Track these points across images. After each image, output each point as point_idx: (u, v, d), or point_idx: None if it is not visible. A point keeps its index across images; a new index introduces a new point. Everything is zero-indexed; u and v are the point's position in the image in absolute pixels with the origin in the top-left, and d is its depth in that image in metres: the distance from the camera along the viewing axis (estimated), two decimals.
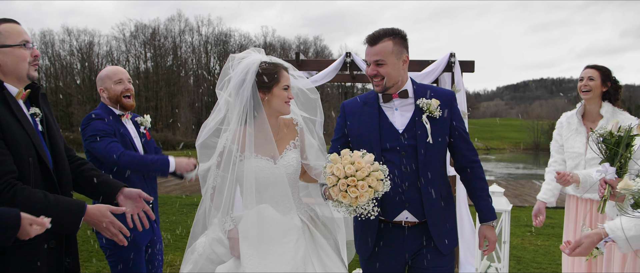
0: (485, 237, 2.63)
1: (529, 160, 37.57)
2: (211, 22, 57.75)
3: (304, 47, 51.58)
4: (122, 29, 50.81)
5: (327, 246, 2.50)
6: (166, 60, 51.86)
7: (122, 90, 3.13)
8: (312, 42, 53.12)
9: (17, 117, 2.03)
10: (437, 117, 2.49)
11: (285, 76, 2.47)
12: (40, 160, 2.06)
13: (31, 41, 2.13)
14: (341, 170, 2.20)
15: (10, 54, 2.07)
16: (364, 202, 2.19)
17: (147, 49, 51.24)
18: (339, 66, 4.72)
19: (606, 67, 3.47)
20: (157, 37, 51.35)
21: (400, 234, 2.53)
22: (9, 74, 2.09)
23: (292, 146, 2.55)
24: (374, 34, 2.50)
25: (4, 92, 2.06)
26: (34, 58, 2.12)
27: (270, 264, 2.31)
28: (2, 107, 2.01)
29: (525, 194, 12.15)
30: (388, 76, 2.48)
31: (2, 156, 1.93)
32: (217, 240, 2.46)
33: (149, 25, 50.53)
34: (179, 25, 52.02)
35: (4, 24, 2.08)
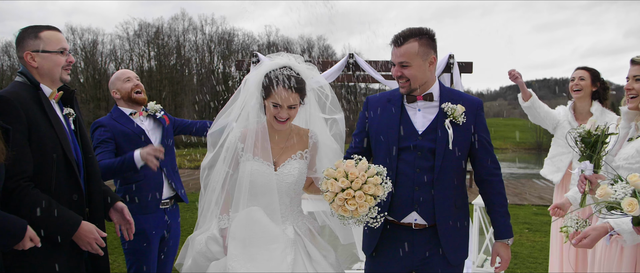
0: (498, 254, 2.54)
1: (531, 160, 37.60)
2: (215, 21, 57.82)
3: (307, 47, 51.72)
4: (126, 28, 50.88)
5: (324, 261, 2.44)
6: (170, 59, 51.99)
7: (131, 87, 3.34)
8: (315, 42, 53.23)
9: (48, 115, 2.22)
10: (460, 123, 2.42)
11: (276, 93, 2.39)
12: (65, 157, 2.23)
13: (68, 48, 2.36)
14: (335, 185, 2.14)
15: (48, 59, 2.29)
16: (366, 211, 2.14)
17: (151, 48, 51.38)
18: (342, 67, 4.91)
19: (595, 69, 3.69)
20: (161, 36, 51.49)
21: (408, 237, 2.45)
22: (44, 76, 2.30)
23: (298, 156, 2.52)
24: (400, 34, 2.42)
25: (39, 93, 2.26)
26: (68, 64, 2.34)
27: (253, 268, 2.29)
28: (34, 105, 2.20)
29: (524, 193, 12.32)
30: (413, 78, 2.42)
31: (20, 154, 2.08)
32: (213, 238, 2.46)
33: (153, 24, 50.72)
34: (182, 24, 52.16)
35: (46, 31, 2.30)
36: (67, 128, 2.35)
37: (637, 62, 2.46)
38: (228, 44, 51.95)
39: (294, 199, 2.53)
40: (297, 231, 2.46)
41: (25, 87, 2.26)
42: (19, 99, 2.15)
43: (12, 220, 1.97)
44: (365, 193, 2.12)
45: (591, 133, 2.54)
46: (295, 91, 2.41)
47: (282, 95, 2.38)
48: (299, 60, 2.53)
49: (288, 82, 2.39)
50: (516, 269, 5.45)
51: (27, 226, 2.00)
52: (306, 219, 2.59)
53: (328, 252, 2.53)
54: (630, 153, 2.42)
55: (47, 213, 2.12)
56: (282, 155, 2.50)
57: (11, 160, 2.00)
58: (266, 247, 2.34)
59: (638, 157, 2.38)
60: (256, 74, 2.47)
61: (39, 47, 2.28)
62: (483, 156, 2.48)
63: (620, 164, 2.47)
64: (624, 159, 2.45)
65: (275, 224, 2.42)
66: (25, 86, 2.27)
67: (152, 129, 3.41)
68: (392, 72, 2.50)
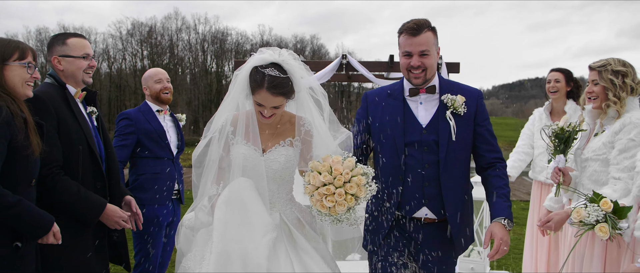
0: (492, 235, 2.32)
1: None
2: (208, 21, 57.85)
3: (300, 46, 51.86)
4: (119, 27, 50.75)
5: (311, 249, 2.36)
6: (163, 58, 51.92)
7: (160, 88, 3.76)
8: (308, 41, 53.39)
9: (74, 112, 2.51)
10: (461, 114, 2.41)
11: (259, 94, 2.32)
12: (89, 149, 2.52)
13: (92, 53, 2.62)
14: (317, 178, 2.07)
15: (71, 63, 2.56)
16: (343, 210, 2.06)
17: (144, 47, 51.31)
18: (336, 67, 5.12)
19: (569, 69, 3.99)
20: (154, 35, 51.43)
21: (416, 230, 2.45)
22: (69, 78, 2.58)
23: (287, 143, 2.45)
24: (414, 23, 2.38)
25: (65, 92, 2.54)
26: (89, 67, 2.60)
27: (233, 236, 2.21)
28: (62, 103, 2.48)
29: (514, 189, 12.63)
30: (430, 67, 2.39)
31: (50, 146, 2.33)
32: (202, 208, 2.42)
33: (146, 23, 50.60)
34: (176, 23, 52.12)
35: (72, 38, 2.58)
36: (90, 125, 2.63)
37: (594, 68, 2.78)
38: (221, 43, 51.98)
39: (282, 186, 2.47)
40: (283, 218, 2.40)
41: (53, 87, 2.54)
42: (49, 98, 2.44)
43: (41, 214, 2.18)
44: (346, 192, 2.05)
45: (564, 129, 2.85)
46: (279, 94, 2.32)
47: (264, 97, 2.31)
48: (290, 56, 2.40)
49: (272, 86, 2.29)
50: (502, 260, 5.69)
51: (54, 222, 2.22)
52: (296, 208, 2.52)
53: (317, 242, 2.45)
54: (598, 146, 2.73)
55: (77, 197, 2.41)
56: (270, 141, 2.46)
57: (44, 152, 2.25)
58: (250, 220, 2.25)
59: (604, 149, 2.69)
60: (245, 70, 2.40)
61: (64, 52, 2.56)
62: (485, 146, 2.47)
63: (589, 156, 2.78)
64: (593, 152, 2.76)
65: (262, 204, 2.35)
66: (53, 86, 2.55)
67: (170, 127, 3.82)
68: (407, 64, 2.41)
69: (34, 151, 2.15)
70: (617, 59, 2.74)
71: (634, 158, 2.51)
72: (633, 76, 2.69)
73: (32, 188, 2.24)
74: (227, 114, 2.46)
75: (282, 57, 2.35)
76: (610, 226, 2.31)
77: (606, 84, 2.70)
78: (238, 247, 2.17)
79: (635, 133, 2.56)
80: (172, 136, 3.80)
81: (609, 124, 2.76)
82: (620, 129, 2.63)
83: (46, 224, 2.18)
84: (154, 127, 3.65)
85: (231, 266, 2.14)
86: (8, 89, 2.19)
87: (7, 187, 2.09)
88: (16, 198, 2.08)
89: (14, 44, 2.22)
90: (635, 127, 2.57)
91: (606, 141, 2.70)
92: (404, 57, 2.43)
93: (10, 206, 2.05)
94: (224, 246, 2.18)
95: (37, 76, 2.32)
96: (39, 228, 2.16)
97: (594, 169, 2.74)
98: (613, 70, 2.69)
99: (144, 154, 3.59)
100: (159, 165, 3.61)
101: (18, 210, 2.07)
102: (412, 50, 2.38)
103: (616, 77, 2.67)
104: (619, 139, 2.62)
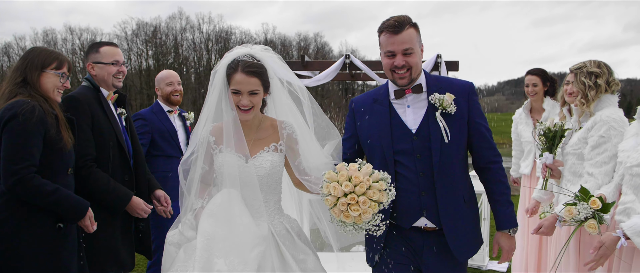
0: (499, 245, 2.40)
1: None
2: (212, 20, 57.98)
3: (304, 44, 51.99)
4: (124, 28, 51.28)
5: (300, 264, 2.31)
6: (168, 58, 52.20)
7: (171, 91, 4.05)
8: (312, 39, 53.46)
9: (106, 112, 2.83)
10: (452, 113, 2.27)
11: (234, 79, 2.30)
12: (119, 145, 2.84)
13: (123, 60, 2.93)
14: (338, 189, 2.01)
15: (103, 68, 2.88)
16: (369, 218, 2.02)
17: (149, 47, 51.60)
18: (340, 67, 5.30)
19: (543, 69, 4.28)
20: (159, 35, 51.73)
21: (416, 238, 2.35)
22: (101, 82, 2.90)
23: (272, 148, 2.40)
24: (395, 21, 2.26)
25: (99, 94, 2.87)
26: (118, 73, 2.91)
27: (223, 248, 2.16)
28: (95, 104, 2.82)
29: None
30: (415, 66, 2.28)
31: (85, 141, 2.69)
32: (187, 223, 2.38)
33: (151, 23, 50.89)
34: (180, 23, 52.36)
35: (105, 46, 2.90)
36: (120, 124, 2.94)
37: (571, 71, 3.03)
38: (225, 42, 52.12)
39: (270, 195, 2.41)
40: (271, 230, 2.33)
41: (89, 89, 2.88)
42: (84, 99, 2.77)
43: (78, 200, 2.49)
44: (370, 199, 2.00)
45: (550, 129, 3.09)
46: (254, 75, 2.29)
47: (240, 80, 2.27)
48: (263, 49, 2.42)
49: (246, 66, 2.29)
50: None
51: (89, 207, 2.51)
52: (284, 218, 2.46)
53: (307, 255, 2.38)
54: (575, 141, 3.00)
55: (107, 187, 2.72)
56: (254, 147, 2.41)
57: (79, 145, 2.59)
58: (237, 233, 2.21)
59: (580, 144, 2.94)
60: (222, 65, 2.39)
61: (97, 59, 2.89)
62: (480, 143, 2.36)
63: (569, 151, 3.04)
64: (571, 147, 3.03)
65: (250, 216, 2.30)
66: (89, 88, 2.89)
67: (179, 126, 4.09)
68: (390, 64, 2.31)
69: (66, 144, 2.46)
70: (594, 61, 2.96)
71: (604, 153, 2.75)
72: (607, 76, 2.91)
73: (70, 176, 2.56)
74: (208, 125, 2.43)
75: (254, 50, 2.39)
76: (597, 222, 2.50)
77: (578, 85, 2.94)
78: (223, 262, 2.11)
79: (605, 130, 2.78)
80: (181, 135, 4.05)
81: (585, 121, 3.01)
82: (592, 126, 2.87)
83: (82, 209, 2.48)
84: (166, 127, 3.92)
85: None
86: (42, 91, 2.50)
87: (47, 176, 2.40)
88: (54, 186, 2.38)
89: (54, 55, 2.56)
90: (605, 124, 2.78)
91: (581, 136, 2.94)
92: (387, 57, 2.31)
93: (48, 194, 2.35)
94: (208, 261, 2.11)
95: (67, 86, 2.61)
96: (76, 212, 2.46)
97: (573, 163, 3.00)
98: (588, 71, 2.92)
99: (155, 153, 3.86)
100: (169, 164, 3.84)
101: (56, 197, 2.38)
102: (394, 49, 2.27)
103: (589, 79, 2.90)
104: (591, 136, 2.85)
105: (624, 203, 2.45)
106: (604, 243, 2.38)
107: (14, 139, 2.31)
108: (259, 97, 2.35)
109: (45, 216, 2.42)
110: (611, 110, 2.85)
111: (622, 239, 2.31)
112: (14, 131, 2.31)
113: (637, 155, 2.44)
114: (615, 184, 2.62)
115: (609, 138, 2.76)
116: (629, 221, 2.32)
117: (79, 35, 49.37)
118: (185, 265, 2.19)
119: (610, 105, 2.89)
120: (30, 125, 2.32)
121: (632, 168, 2.43)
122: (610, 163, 2.74)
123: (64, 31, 47.36)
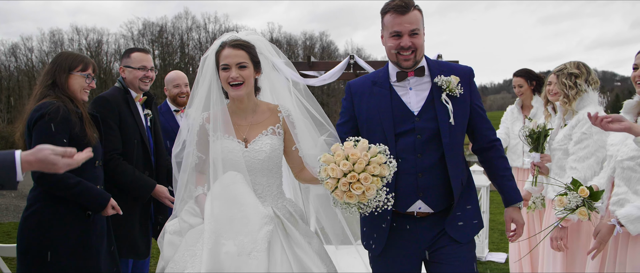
0: (512, 220, 2.41)
1: None
2: (218, 19, 58.25)
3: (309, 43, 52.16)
4: (130, 28, 51.37)
5: (306, 244, 2.27)
6: (174, 58, 52.53)
7: (178, 92, 4.29)
8: (318, 38, 53.59)
9: (132, 112, 3.15)
10: (457, 95, 2.26)
11: (222, 55, 2.30)
12: (142, 142, 3.16)
13: (150, 66, 3.21)
14: (337, 169, 1.97)
15: (131, 72, 3.21)
16: (374, 194, 1.98)
17: (155, 47, 51.93)
18: (344, 67, 5.54)
19: (527, 70, 4.52)
20: (165, 35, 52.06)
21: (413, 226, 2.32)
22: (130, 84, 3.22)
23: (270, 131, 2.37)
24: (402, 1, 2.22)
25: (127, 96, 3.19)
26: (145, 77, 3.22)
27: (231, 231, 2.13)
28: (123, 104, 3.14)
29: None
30: (420, 48, 2.26)
31: (112, 136, 3.00)
32: (189, 211, 2.35)
33: (157, 23, 51.23)
34: (186, 22, 52.61)
35: (135, 52, 3.22)
36: (145, 124, 3.25)
37: (553, 73, 3.32)
38: None
39: (272, 179, 2.38)
40: (276, 213, 2.30)
41: (119, 91, 3.20)
42: (113, 99, 3.10)
43: (100, 193, 2.74)
44: (371, 174, 1.97)
45: (534, 130, 3.41)
46: (241, 48, 2.30)
47: (227, 54, 2.29)
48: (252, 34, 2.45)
49: (233, 41, 2.33)
50: (500, 244, 6.06)
51: (110, 198, 2.76)
52: (287, 202, 2.42)
53: (311, 238, 2.36)
54: (560, 138, 3.26)
55: (133, 177, 3.03)
56: (251, 131, 2.37)
57: (107, 140, 2.89)
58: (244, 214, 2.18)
59: (565, 140, 3.20)
60: (210, 52, 2.40)
61: (127, 63, 3.22)
62: (482, 125, 2.38)
63: (556, 146, 3.30)
64: (557, 143, 3.29)
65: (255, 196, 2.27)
66: (119, 90, 3.21)
67: None
68: (395, 45, 2.26)
69: (90, 140, 2.72)
70: (573, 63, 3.22)
71: (587, 148, 3.02)
72: (586, 76, 3.17)
73: (97, 168, 2.83)
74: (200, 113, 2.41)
75: (240, 34, 2.43)
76: (587, 209, 2.71)
77: (560, 86, 3.21)
78: (232, 243, 2.09)
79: (587, 127, 3.03)
80: None
81: (570, 118, 3.27)
82: (576, 124, 3.13)
83: (103, 201, 2.73)
84: (171, 126, 4.15)
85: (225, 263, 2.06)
86: (68, 92, 2.75)
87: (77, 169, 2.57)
88: (77, 179, 2.62)
89: (80, 58, 2.81)
90: (587, 122, 2.99)
91: (566, 133, 3.20)
92: (392, 38, 2.27)
93: (71, 186, 2.62)
94: (216, 242, 2.10)
95: (92, 86, 2.85)
96: (97, 204, 2.71)
97: (559, 157, 3.27)
98: (568, 73, 3.18)
99: None
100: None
101: (79, 189, 2.64)
102: (401, 29, 2.23)
103: (569, 80, 3.16)
104: (575, 132, 3.11)
105: (618, 194, 2.65)
106: (601, 230, 2.61)
107: (41, 137, 2.55)
108: (248, 71, 2.31)
109: (75, 206, 2.69)
110: (591, 108, 3.07)
111: (617, 226, 2.53)
112: (41, 130, 2.58)
113: (626, 149, 2.63)
114: (607, 176, 2.82)
115: (591, 134, 3.01)
116: (622, 210, 2.53)
117: (86, 35, 49.70)
118: (192, 250, 2.18)
119: (591, 103, 3.13)
120: (55, 124, 2.58)
121: (623, 161, 2.62)
122: (592, 158, 3.00)
123: (71, 31, 47.75)
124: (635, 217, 2.45)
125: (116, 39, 50.62)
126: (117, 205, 2.79)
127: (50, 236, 2.62)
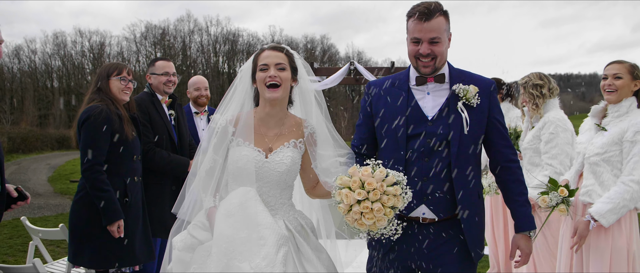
0: (518, 248, 2.32)
1: None
2: (220, 22, 58.55)
3: (310, 46, 52.51)
4: (133, 30, 51.79)
5: (316, 259, 2.24)
6: (176, 60, 52.86)
7: (198, 95, 4.76)
8: (319, 41, 53.94)
9: (159, 113, 3.73)
10: (474, 105, 2.23)
11: (261, 56, 2.29)
12: (170, 138, 3.74)
13: (172, 72, 3.79)
14: (351, 196, 1.94)
15: (156, 78, 3.80)
16: (384, 225, 1.96)
17: (157, 50, 52.31)
18: (345, 73, 5.95)
19: (496, 78, 4.90)
20: (167, 38, 52.43)
21: (416, 231, 2.26)
22: (155, 89, 3.81)
23: (292, 144, 2.32)
24: (426, 6, 2.19)
25: (154, 99, 3.77)
26: (168, 82, 3.78)
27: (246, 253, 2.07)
28: (151, 106, 3.73)
29: None
30: (441, 55, 2.23)
31: (147, 132, 3.56)
32: (198, 225, 2.29)
33: (159, 25, 51.62)
34: (188, 25, 52.96)
35: (159, 61, 3.81)
36: (170, 123, 3.82)
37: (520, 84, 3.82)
38: (233, 45, 52.64)
39: (285, 191, 2.33)
40: (288, 226, 2.25)
41: (146, 94, 3.80)
42: (143, 102, 3.70)
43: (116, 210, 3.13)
44: (384, 205, 1.92)
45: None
46: (281, 51, 2.30)
47: (267, 55, 2.28)
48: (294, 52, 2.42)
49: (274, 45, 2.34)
50: None
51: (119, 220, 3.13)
52: (298, 214, 2.38)
53: (320, 252, 2.32)
54: (530, 139, 3.80)
55: (169, 160, 3.63)
56: (275, 142, 2.32)
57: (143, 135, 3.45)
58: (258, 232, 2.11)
59: (534, 141, 3.74)
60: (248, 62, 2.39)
61: (152, 71, 3.82)
62: (500, 141, 2.31)
63: (526, 146, 3.83)
64: (528, 143, 3.82)
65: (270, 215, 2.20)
66: (148, 94, 3.81)
67: (205, 127, 4.77)
68: (415, 51, 2.25)
69: (128, 136, 3.23)
70: (536, 74, 3.76)
71: (556, 147, 3.56)
72: (548, 85, 3.72)
73: (136, 162, 3.34)
74: (231, 112, 2.36)
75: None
76: (566, 205, 3.18)
77: (527, 96, 3.76)
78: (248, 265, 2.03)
79: (553, 128, 3.60)
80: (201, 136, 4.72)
81: (537, 121, 3.82)
82: (543, 126, 3.68)
83: (115, 217, 3.12)
84: (190, 127, 4.55)
85: None
86: (111, 94, 3.28)
87: (117, 162, 3.20)
88: (108, 188, 3.10)
89: (115, 65, 3.33)
90: (552, 124, 3.61)
91: (535, 134, 3.75)
92: (413, 43, 2.25)
93: (100, 189, 3.10)
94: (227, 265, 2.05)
95: (130, 87, 3.35)
96: (107, 218, 3.11)
97: (530, 156, 3.80)
98: (533, 84, 3.73)
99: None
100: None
101: (103, 195, 3.06)
102: (421, 36, 2.20)
103: (535, 90, 3.71)
104: (543, 133, 3.66)
105: (586, 186, 3.13)
106: (579, 227, 3.01)
107: (88, 135, 3.12)
108: (286, 74, 2.28)
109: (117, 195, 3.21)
110: (555, 112, 3.67)
111: (592, 222, 2.95)
112: (88, 128, 3.12)
113: (593, 147, 3.10)
114: (575, 170, 3.33)
115: (557, 134, 3.57)
116: (594, 207, 2.95)
117: (89, 37, 50.08)
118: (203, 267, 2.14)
119: (554, 108, 3.71)
120: (98, 123, 3.10)
121: (590, 158, 3.09)
122: (562, 154, 3.55)
123: (74, 34, 48.25)
124: (606, 211, 2.88)
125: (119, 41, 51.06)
126: (122, 228, 3.13)
127: (92, 220, 3.13)
